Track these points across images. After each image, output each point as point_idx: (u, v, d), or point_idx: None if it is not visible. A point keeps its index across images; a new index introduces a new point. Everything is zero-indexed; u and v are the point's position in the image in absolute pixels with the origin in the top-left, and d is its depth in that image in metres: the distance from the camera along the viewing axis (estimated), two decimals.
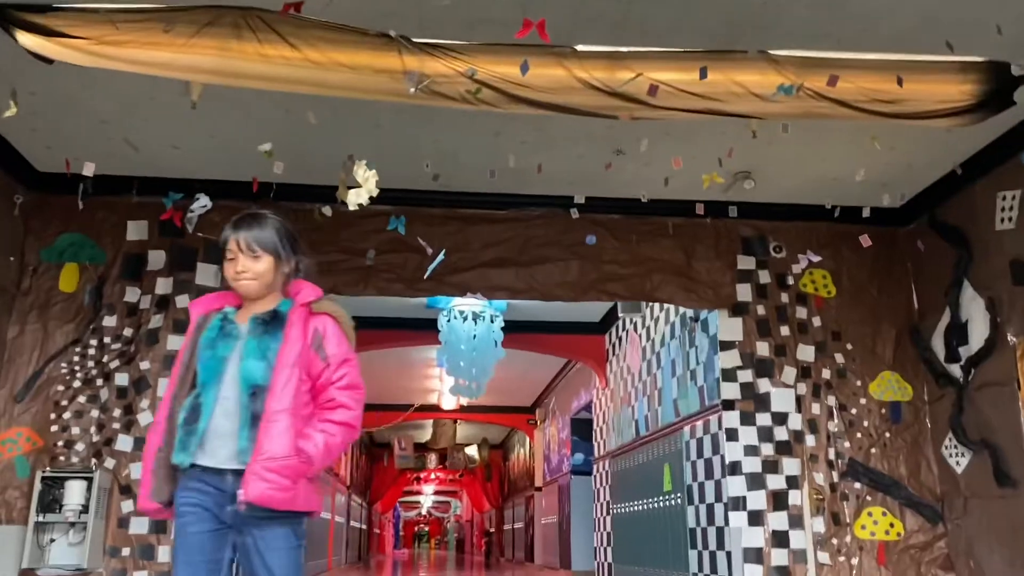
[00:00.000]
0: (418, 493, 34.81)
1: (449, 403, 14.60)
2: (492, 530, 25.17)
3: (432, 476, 26.11)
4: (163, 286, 6.15)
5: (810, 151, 5.86)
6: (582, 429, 12.76)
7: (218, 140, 5.70)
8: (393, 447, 19.95)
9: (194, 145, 5.79)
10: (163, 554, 5.68)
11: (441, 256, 5.73)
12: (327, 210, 5.19)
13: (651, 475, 8.31)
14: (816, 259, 6.43)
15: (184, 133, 5.62)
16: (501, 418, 16.80)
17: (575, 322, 10.24)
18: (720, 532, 6.52)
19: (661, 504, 8.01)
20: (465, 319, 8.41)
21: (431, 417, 17.70)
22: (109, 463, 5.79)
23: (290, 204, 6.34)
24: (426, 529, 68.52)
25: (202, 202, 5.54)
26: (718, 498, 6.59)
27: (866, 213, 6.38)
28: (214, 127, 5.52)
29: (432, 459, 22.28)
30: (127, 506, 5.73)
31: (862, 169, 5.58)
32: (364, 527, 20.99)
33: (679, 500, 7.51)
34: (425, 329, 9.86)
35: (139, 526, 5.71)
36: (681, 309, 7.51)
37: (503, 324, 8.51)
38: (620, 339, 9.96)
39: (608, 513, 10.09)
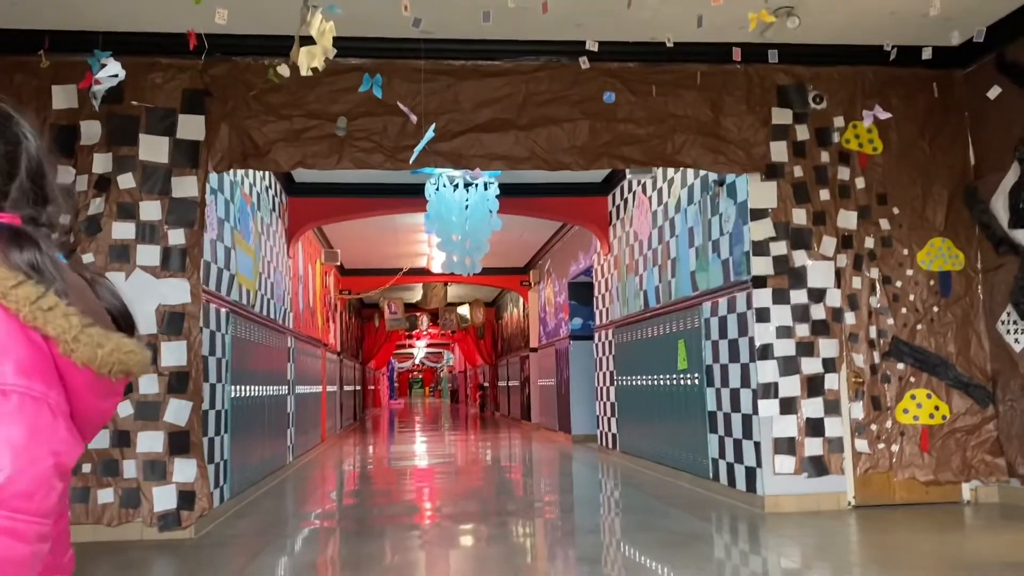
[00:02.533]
0: (411, 347, 34.91)
1: (438, 266, 13.94)
2: (486, 384, 25.27)
3: (424, 334, 25.91)
4: (101, 163, 5.24)
5: None
6: (581, 294, 12.29)
7: None
8: (383, 310, 19.50)
9: None
10: (129, 468, 5.06)
11: (430, 133, 4.82)
12: (283, 69, 4.20)
13: (663, 351, 7.84)
14: (884, 115, 5.47)
15: None
16: (493, 280, 16.31)
17: (575, 183, 9.47)
18: (747, 420, 5.99)
19: (674, 382, 7.57)
20: (456, 187, 7.55)
21: (421, 281, 17.18)
22: None
23: (241, 60, 5.32)
24: (420, 377, 70.31)
25: (111, 70, 4.49)
26: (745, 383, 6.02)
27: (927, 54, 5.41)
28: None
29: (423, 320, 21.94)
30: None
31: (937, 0, 4.55)
32: (358, 388, 20.88)
33: (696, 381, 7.02)
34: (412, 195, 9.11)
35: (99, 440, 5.05)
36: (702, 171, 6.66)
37: (498, 191, 7.65)
38: (626, 202, 9.28)
39: (612, 383, 9.76)
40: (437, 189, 7.59)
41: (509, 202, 9.03)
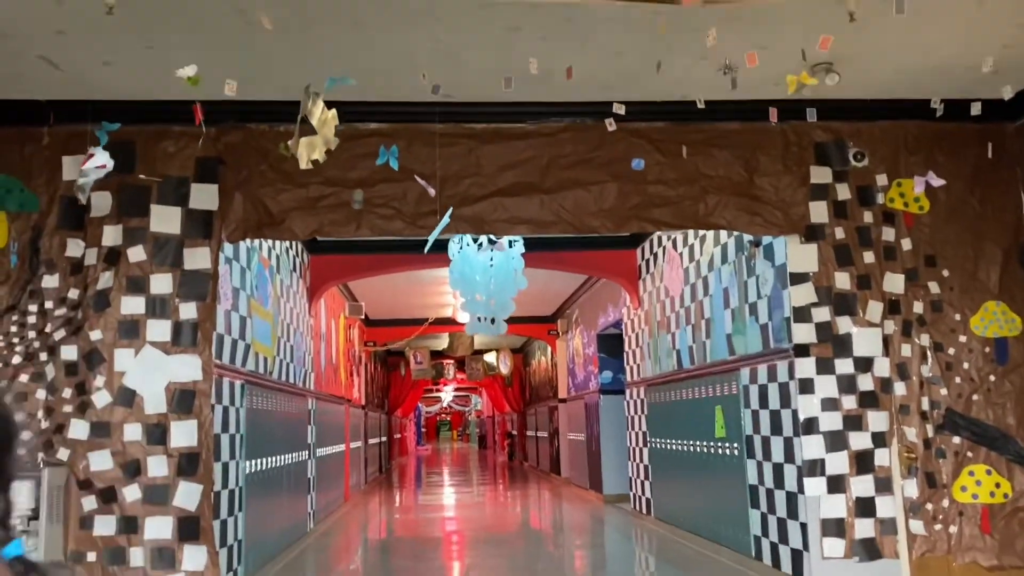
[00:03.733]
0: (439, 391, 34.70)
1: (465, 316, 13.78)
2: (514, 433, 24.89)
3: (451, 381, 25.68)
4: (111, 236, 5.11)
5: (910, 35, 4.59)
6: (610, 346, 12.03)
7: (157, 50, 4.47)
8: (409, 359, 19.31)
9: (128, 59, 4.56)
10: (136, 557, 4.83)
11: (446, 219, 4.63)
12: (294, 144, 4.03)
13: (699, 415, 7.58)
14: (938, 182, 5.16)
15: (115, 44, 4.40)
16: (520, 329, 16.08)
17: (602, 237, 9.22)
18: (792, 499, 5.66)
19: (712, 450, 7.29)
20: (480, 246, 7.36)
21: (446, 331, 17.00)
22: (63, 453, 4.87)
23: (255, 127, 5.20)
24: (448, 419, 69.99)
25: (97, 161, 4.34)
26: (789, 458, 5.71)
27: (976, 109, 5.14)
28: (151, 35, 4.30)
29: (450, 368, 21.70)
30: (88, 503, 4.87)
31: (990, 57, 4.31)
32: (384, 439, 20.64)
33: (735, 451, 6.74)
34: (436, 251, 8.96)
35: (105, 526, 4.86)
36: None
37: (523, 249, 7.45)
38: (655, 256, 9.07)
39: (645, 444, 9.48)
40: (460, 248, 7.40)
41: (535, 256, 8.85)
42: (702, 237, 7.53)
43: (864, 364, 5.43)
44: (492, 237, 7.25)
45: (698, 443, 7.58)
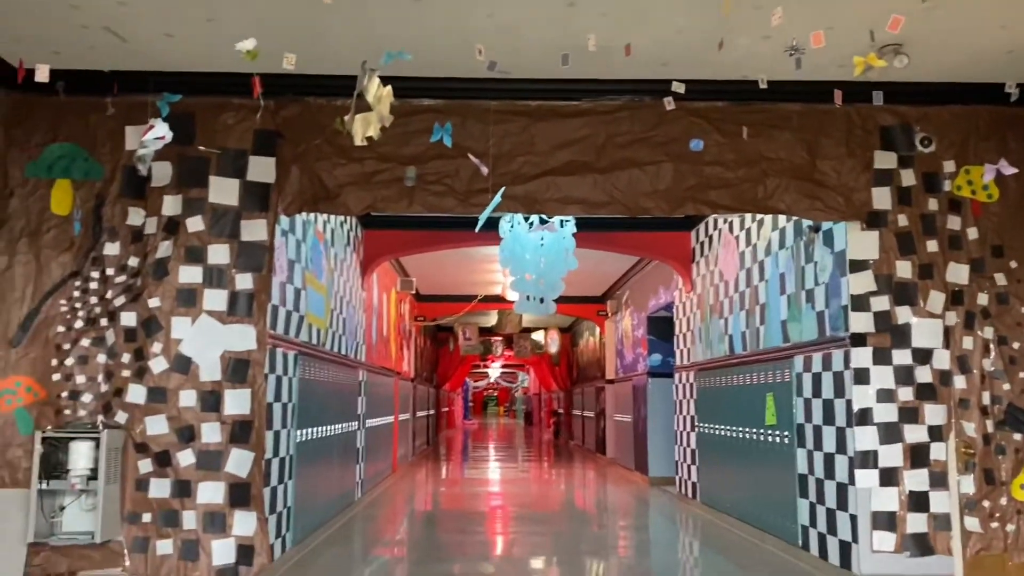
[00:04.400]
0: (486, 367, 34.89)
1: (514, 295, 13.78)
2: (561, 411, 24.92)
3: (499, 358, 25.79)
4: (171, 206, 5.19)
5: (984, 16, 4.40)
6: (660, 329, 11.91)
7: (218, 23, 4.51)
8: (458, 335, 19.41)
9: (189, 31, 4.61)
10: (188, 520, 4.95)
11: (497, 198, 4.60)
12: (349, 121, 4.03)
13: (749, 402, 7.48)
14: (1010, 170, 4.95)
15: (177, 16, 4.45)
16: (569, 308, 16.01)
17: (656, 219, 9.10)
18: (842, 490, 5.57)
19: (762, 437, 7.20)
20: (532, 225, 7.32)
21: (495, 308, 17.02)
22: (121, 417, 5.00)
23: (313, 100, 5.22)
24: (495, 395, 70.47)
25: (157, 132, 4.39)
26: (840, 449, 5.60)
27: None
28: (212, 8, 4.34)
29: (498, 345, 21.76)
30: (144, 466, 5.00)
31: None
32: (432, 412, 20.85)
33: (786, 439, 6.64)
34: (487, 228, 8.96)
35: (160, 489, 4.99)
36: None
37: (575, 229, 7.39)
38: (710, 239, 8.94)
39: (693, 429, 9.40)
40: (512, 227, 7.38)
41: (586, 236, 8.76)
42: (759, 221, 7.39)
43: (923, 356, 5.27)
44: (544, 216, 7.20)
45: (748, 430, 7.49)
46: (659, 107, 5.17)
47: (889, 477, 5.22)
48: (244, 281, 5.14)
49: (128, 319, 5.08)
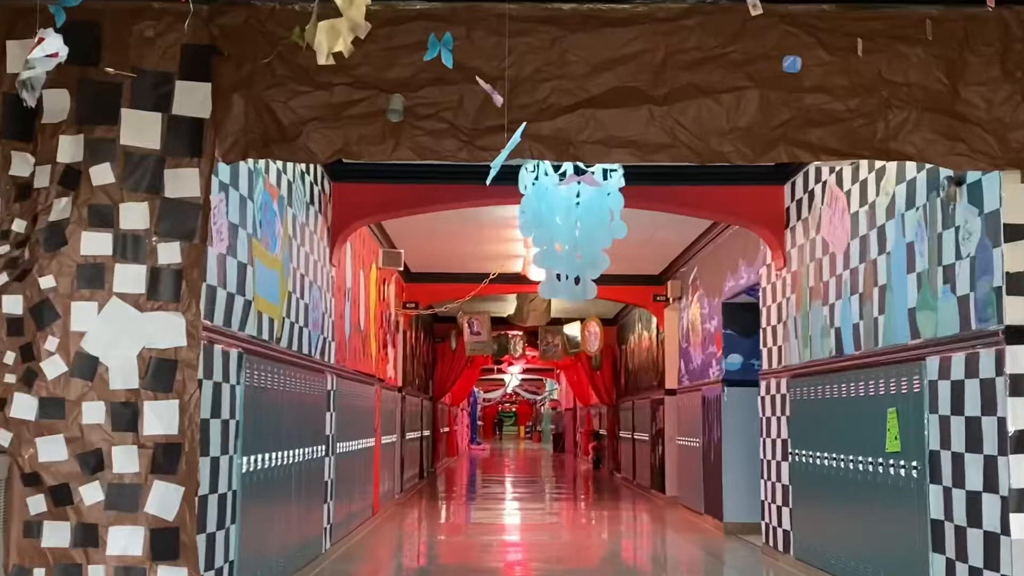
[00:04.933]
0: (501, 371, 35.13)
1: (539, 273, 13.83)
2: (603, 432, 25.02)
3: (518, 360, 25.86)
4: (69, 150, 5.20)
5: None
6: (742, 320, 11.95)
7: None
8: (462, 328, 19.46)
9: None
10: None
11: (517, 137, 4.57)
12: (310, 31, 4.00)
13: (863, 421, 7.51)
14: None
15: None
16: (615, 292, 16.08)
17: (736, 168, 9.07)
18: (992, 541, 5.64)
19: (881, 471, 7.23)
20: (563, 176, 7.28)
21: (513, 291, 17.03)
22: (3, 437, 5.04)
23: (262, 4, 5.23)
24: (512, 410, 70.91)
25: (49, 47, 4.36)
26: (990, 486, 5.68)
27: None
28: None
29: (517, 342, 21.82)
30: (36, 504, 5.03)
31: None
32: (427, 434, 20.98)
33: (914, 472, 6.68)
34: (501, 182, 8.93)
35: (56, 535, 5.01)
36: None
37: (623, 182, 7.36)
38: (811, 195, 8.93)
39: (785, 457, 9.45)
40: (536, 179, 7.34)
41: (638, 192, 8.76)
42: (880, 170, 7.39)
43: None
44: (580, 165, 7.17)
45: (861, 459, 7.53)
46: (741, 12, 5.13)
47: None
48: (169, 253, 5.15)
49: (11, 305, 5.09)
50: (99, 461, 5.03)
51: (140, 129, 5.17)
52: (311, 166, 8.81)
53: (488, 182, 5.07)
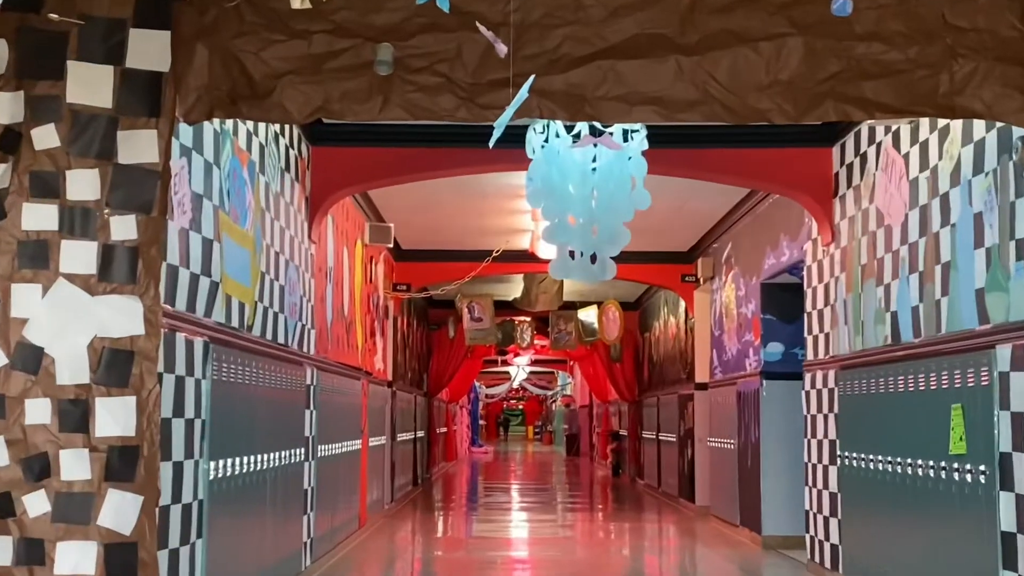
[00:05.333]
0: (507, 363, 35.26)
1: (550, 250, 13.86)
2: (623, 433, 25.08)
3: (526, 350, 25.91)
4: (7, 109, 5.20)
5: None
6: (782, 303, 11.97)
7: None
8: (461, 314, 19.46)
9: None
10: None
11: (525, 91, 4.56)
12: None
13: (924, 419, 7.53)
14: None
15: None
16: (637, 272, 16.10)
17: (777, 128, 9.07)
18: None
19: (944, 476, 7.24)
20: (577, 138, 7.27)
21: (520, 271, 17.03)
22: None
23: None
24: (519, 408, 71.15)
25: None
26: None
27: None
28: None
29: (525, 330, 21.84)
30: None
31: None
32: (422, 435, 21.03)
33: (982, 478, 6.68)
34: (506, 144, 8.92)
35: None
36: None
37: (646, 145, 7.34)
38: (863, 158, 8.95)
39: (833, 461, 9.48)
40: (546, 141, 7.33)
41: (664, 156, 8.77)
42: (943, 130, 7.40)
43: None
44: (597, 125, 7.17)
45: (920, 463, 7.56)
46: None
47: None
48: (123, 228, 5.15)
49: None
50: (44, 467, 5.03)
51: (89, 85, 5.16)
52: (287, 127, 8.81)
53: (491, 145, 5.07)
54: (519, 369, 42.59)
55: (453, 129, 9.22)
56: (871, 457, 8.47)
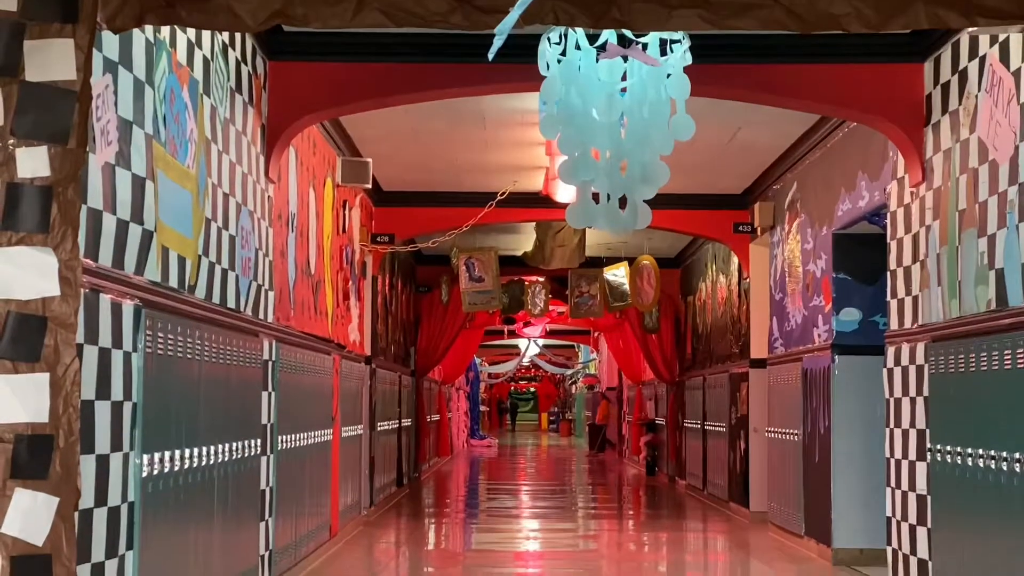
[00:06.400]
0: (517, 333, 35.30)
1: (568, 191, 13.87)
2: (660, 422, 25.13)
3: (539, 319, 25.94)
4: None
5: None
6: (861, 259, 12.02)
7: None
8: (458, 273, 19.43)
9: None
10: None
11: None
12: None
13: None
14: None
15: None
16: (680, 218, 16.17)
17: (852, 39, 9.04)
18: None
19: None
20: (602, 51, 7.25)
21: (532, 218, 17.02)
22: None
23: None
24: (531, 390, 71.38)
25: None
26: None
27: None
28: None
29: (537, 292, 21.80)
30: None
31: None
32: (409, 423, 21.06)
33: None
34: (513, 57, 8.91)
35: None
36: None
37: (689, 59, 7.32)
38: (963, 77, 8.92)
39: (921, 457, 9.51)
40: (563, 54, 7.32)
41: (710, 73, 8.78)
42: None
43: None
44: (627, 33, 7.14)
45: None
46: None
47: None
48: (32, 162, 5.16)
49: None
50: None
51: (57, 62, 5.15)
52: (238, 37, 8.76)
53: (490, 57, 5.08)
54: (530, 343, 42.68)
55: (445, 39, 9.20)
56: (970, 451, 8.46)
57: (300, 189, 11.07)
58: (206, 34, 7.94)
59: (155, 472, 6.77)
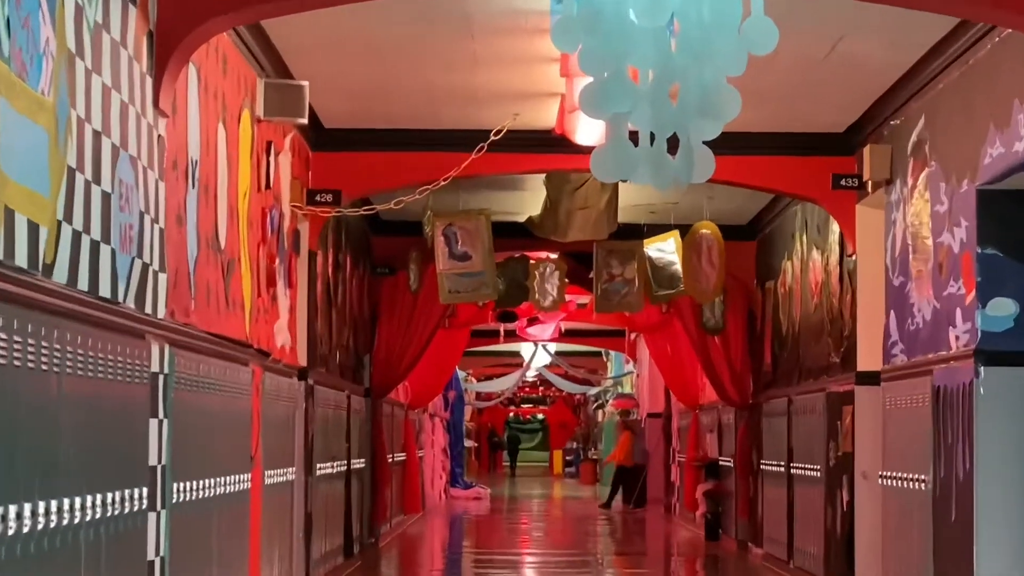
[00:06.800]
0: (519, 334, 35.51)
1: (593, 129, 13.97)
2: (727, 463, 25.25)
3: (548, 316, 26.04)
4: None
5: None
6: (1016, 227, 12.03)
7: None
8: (434, 247, 19.47)
9: None
10: None
11: None
12: None
13: None
14: None
15: None
16: (754, 167, 16.21)
17: None
18: None
19: None
20: None
21: (540, 168, 17.10)
22: None
23: None
24: (538, 418, 71.56)
25: None
26: None
27: None
28: None
29: (547, 275, 21.86)
30: None
31: None
32: (362, 464, 21.11)
33: None
34: None
35: None
36: None
37: None
38: None
39: None
40: None
41: None
42: None
43: None
44: None
45: None
46: None
47: None
48: None
49: None
50: None
51: None
52: None
53: None
54: (537, 348, 42.81)
55: None
56: None
57: (205, 126, 11.05)
58: None
59: None
